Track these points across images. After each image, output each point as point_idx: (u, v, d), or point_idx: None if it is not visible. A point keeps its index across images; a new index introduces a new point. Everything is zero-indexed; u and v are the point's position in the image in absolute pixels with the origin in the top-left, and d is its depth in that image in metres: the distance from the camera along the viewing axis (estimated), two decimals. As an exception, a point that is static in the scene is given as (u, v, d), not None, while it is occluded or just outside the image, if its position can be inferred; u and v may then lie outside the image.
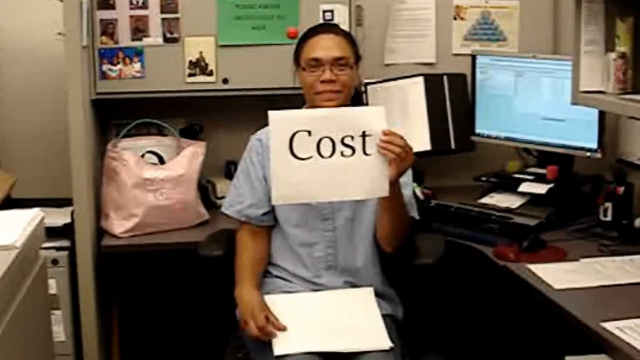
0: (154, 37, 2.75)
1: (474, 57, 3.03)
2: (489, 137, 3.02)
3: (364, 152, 2.07)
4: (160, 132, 2.88)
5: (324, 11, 2.83)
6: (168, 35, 2.76)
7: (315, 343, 2.10)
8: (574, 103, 2.32)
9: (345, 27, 2.72)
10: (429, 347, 2.71)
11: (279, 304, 2.24)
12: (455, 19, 3.18)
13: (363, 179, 2.10)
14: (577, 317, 1.94)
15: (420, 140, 2.90)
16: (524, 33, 3.18)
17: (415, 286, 2.45)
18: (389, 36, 3.15)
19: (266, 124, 2.09)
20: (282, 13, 2.82)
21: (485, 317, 2.98)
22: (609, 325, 1.84)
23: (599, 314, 1.91)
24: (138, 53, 2.75)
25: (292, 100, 2.41)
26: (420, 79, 2.98)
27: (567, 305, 2.00)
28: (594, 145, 2.72)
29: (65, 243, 2.65)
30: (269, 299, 2.25)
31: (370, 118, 2.08)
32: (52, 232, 2.46)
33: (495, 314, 2.93)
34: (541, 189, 2.75)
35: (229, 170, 2.99)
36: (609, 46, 2.24)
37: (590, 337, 1.87)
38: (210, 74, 2.81)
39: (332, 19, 2.82)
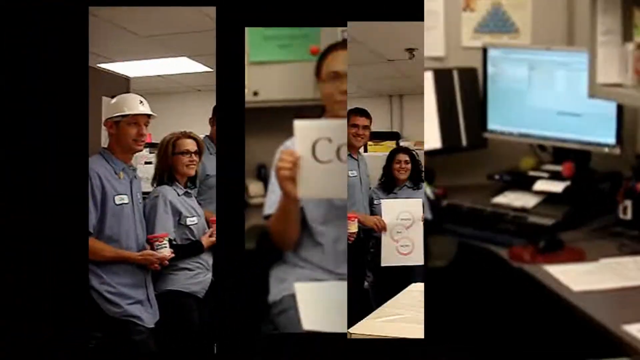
0: None
1: (484, 50, 2.99)
2: (501, 133, 2.98)
3: None
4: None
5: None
6: None
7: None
8: (591, 96, 2.31)
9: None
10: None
11: None
12: (464, 10, 3.13)
13: None
14: (597, 320, 1.92)
15: (430, 138, 2.89)
16: (537, 24, 3.12)
17: (428, 289, 2.49)
18: (397, 30, 3.11)
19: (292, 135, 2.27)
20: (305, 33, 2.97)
21: (501, 321, 2.92)
22: (631, 328, 1.82)
23: (620, 316, 1.89)
24: None
25: (315, 109, 2.55)
26: (429, 74, 2.95)
27: (587, 308, 1.98)
28: (612, 141, 2.68)
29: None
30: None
31: None
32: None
33: (511, 318, 2.88)
34: (557, 186, 2.72)
35: (260, 173, 3.16)
36: (627, 36, 2.21)
37: (611, 341, 1.84)
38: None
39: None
